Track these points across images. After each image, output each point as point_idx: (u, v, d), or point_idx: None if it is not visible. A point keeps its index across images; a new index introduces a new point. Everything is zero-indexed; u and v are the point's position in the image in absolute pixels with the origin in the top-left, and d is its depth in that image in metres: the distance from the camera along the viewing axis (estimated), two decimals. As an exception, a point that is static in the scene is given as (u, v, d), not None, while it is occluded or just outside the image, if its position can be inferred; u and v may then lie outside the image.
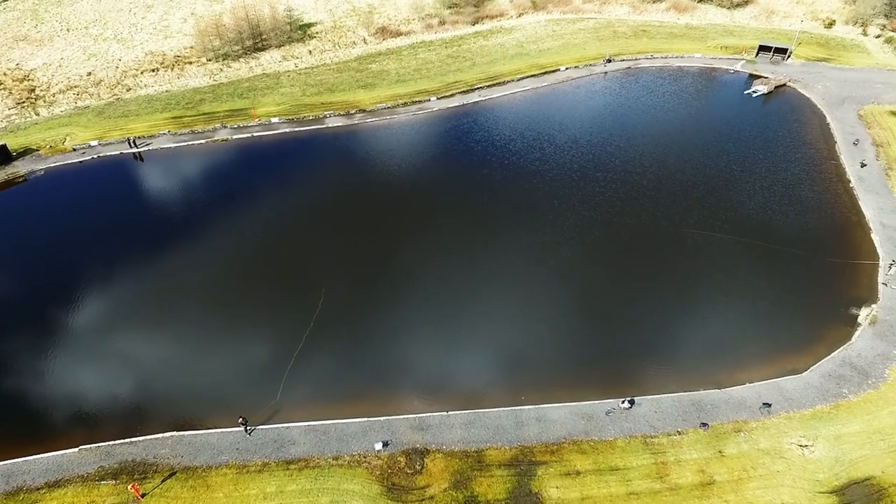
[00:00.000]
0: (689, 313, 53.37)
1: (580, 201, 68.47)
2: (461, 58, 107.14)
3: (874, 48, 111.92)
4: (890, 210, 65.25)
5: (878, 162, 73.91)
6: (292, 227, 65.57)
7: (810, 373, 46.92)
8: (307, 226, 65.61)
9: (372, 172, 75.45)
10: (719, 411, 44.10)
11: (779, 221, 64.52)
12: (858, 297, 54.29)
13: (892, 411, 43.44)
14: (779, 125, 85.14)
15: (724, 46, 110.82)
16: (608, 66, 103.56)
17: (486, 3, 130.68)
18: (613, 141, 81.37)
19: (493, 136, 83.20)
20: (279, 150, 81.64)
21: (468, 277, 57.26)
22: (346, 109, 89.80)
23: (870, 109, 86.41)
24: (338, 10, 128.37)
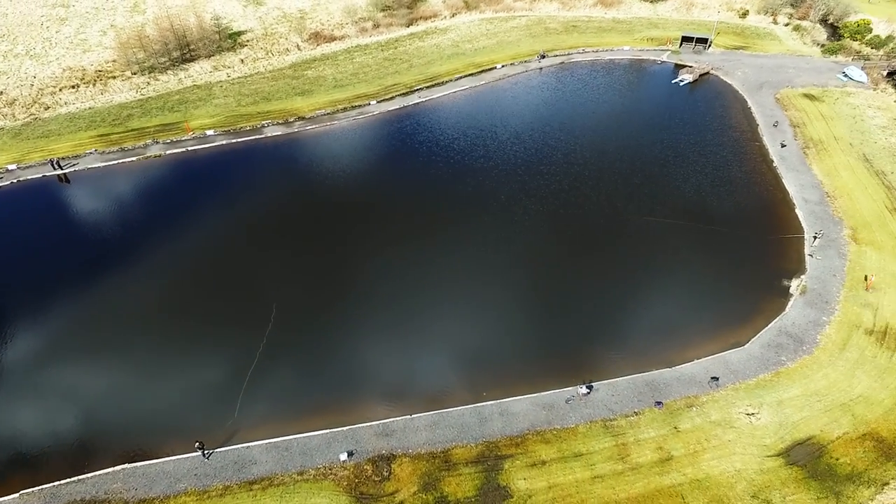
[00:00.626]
0: (637, 297, 55.27)
1: (527, 195, 69.74)
2: (398, 60, 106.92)
3: (784, 35, 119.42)
4: (810, 186, 69.82)
5: (796, 142, 78.92)
6: (236, 242, 63.61)
7: (751, 344, 49.61)
8: (252, 240, 63.81)
9: (316, 180, 74.21)
10: (672, 389, 45.95)
11: (712, 202, 67.86)
12: (789, 270, 57.84)
13: (825, 374, 46.52)
14: (705, 111, 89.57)
15: (650, 38, 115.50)
16: (543, 62, 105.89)
17: (419, 5, 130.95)
18: (554, 134, 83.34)
19: (436, 136, 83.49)
20: (217, 164, 79.02)
21: (421, 279, 57.28)
22: (284, 118, 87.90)
23: (785, 93, 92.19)
24: (268, 16, 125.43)
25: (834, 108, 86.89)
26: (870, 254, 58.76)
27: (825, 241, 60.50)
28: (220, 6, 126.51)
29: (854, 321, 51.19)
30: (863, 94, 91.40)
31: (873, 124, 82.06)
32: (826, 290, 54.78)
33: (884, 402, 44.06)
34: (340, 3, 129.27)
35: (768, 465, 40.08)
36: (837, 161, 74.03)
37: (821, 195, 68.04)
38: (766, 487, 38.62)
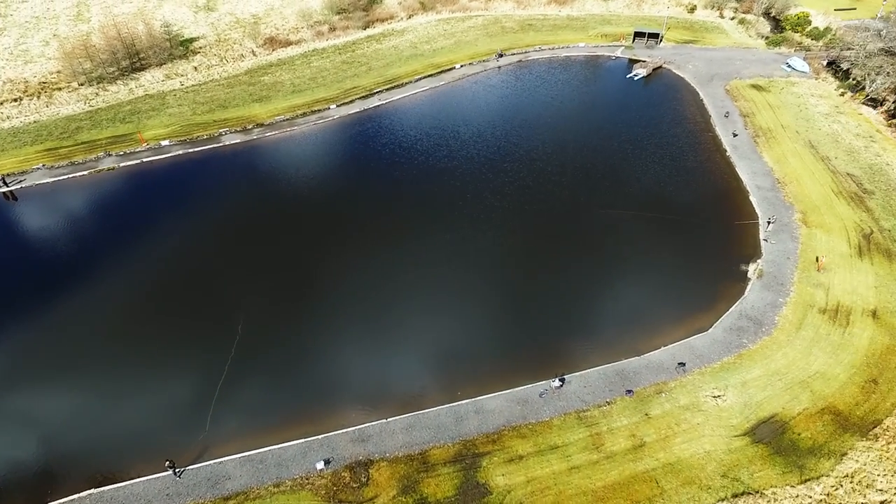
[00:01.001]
0: (604, 288, 56.38)
1: (491, 193, 70.29)
2: (356, 63, 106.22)
3: (730, 29, 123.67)
4: (762, 173, 72.52)
5: (746, 131, 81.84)
6: (198, 254, 62.08)
7: (714, 329, 51.22)
8: (215, 251, 62.38)
9: (278, 187, 73.04)
10: (641, 377, 47.04)
11: (671, 192, 69.77)
12: (746, 255, 59.96)
13: (784, 353, 48.42)
14: (660, 104, 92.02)
15: (604, 34, 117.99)
16: (501, 61, 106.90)
17: (374, 7, 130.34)
18: (515, 131, 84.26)
19: (398, 138, 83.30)
20: (174, 174, 76.97)
21: (390, 282, 57.06)
22: (242, 125, 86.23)
23: (734, 84, 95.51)
24: (220, 22, 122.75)
25: (780, 98, 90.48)
26: (820, 236, 61.43)
27: (778, 225, 62.95)
28: (170, 13, 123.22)
29: (808, 301, 53.44)
30: (806, 83, 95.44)
31: (816, 112, 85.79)
32: (781, 272, 57.00)
33: (839, 377, 46.14)
34: (295, 7, 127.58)
35: (736, 444, 41.47)
36: (786, 148, 77.10)
37: (772, 182, 70.74)
38: (734, 466, 39.94)
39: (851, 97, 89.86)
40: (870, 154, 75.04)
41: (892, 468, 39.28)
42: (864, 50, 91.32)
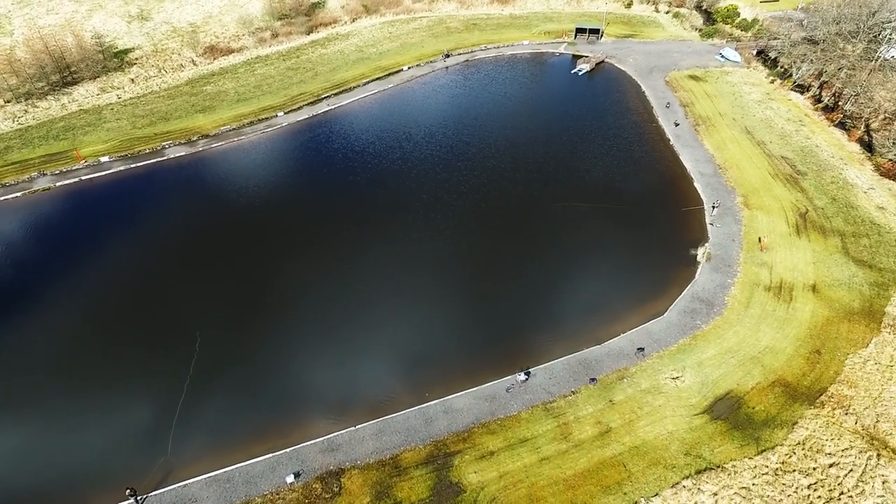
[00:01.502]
0: (562, 281, 57.43)
1: (447, 192, 70.59)
2: (302, 69, 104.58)
3: (666, 22, 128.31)
4: (704, 160, 75.53)
5: (687, 120, 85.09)
6: (147, 272, 59.75)
7: (669, 313, 53.03)
8: (164, 267, 60.18)
9: (229, 199, 71.08)
10: (603, 364, 48.24)
11: (620, 182, 71.80)
12: (694, 239, 62.30)
13: (735, 331, 50.62)
14: (605, 97, 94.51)
15: (547, 32, 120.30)
16: (448, 61, 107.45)
17: (317, 12, 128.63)
18: (467, 130, 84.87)
19: (351, 142, 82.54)
20: (117, 191, 73.82)
21: (350, 288, 56.48)
22: (186, 137, 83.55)
23: (673, 76, 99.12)
24: (156, 32, 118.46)
25: (716, 87, 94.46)
26: (760, 217, 64.49)
27: (722, 209, 65.73)
28: (101, 23, 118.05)
29: (754, 280, 56.03)
30: (739, 72, 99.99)
31: (750, 99, 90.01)
32: (727, 254, 59.55)
33: (786, 350, 48.58)
34: (234, 14, 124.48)
35: (696, 422, 43.08)
36: (724, 135, 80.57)
37: (714, 168, 73.79)
38: (696, 444, 41.49)
39: (780, 84, 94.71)
40: (800, 137, 79.30)
41: (838, 432, 41.67)
42: (789, 39, 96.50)
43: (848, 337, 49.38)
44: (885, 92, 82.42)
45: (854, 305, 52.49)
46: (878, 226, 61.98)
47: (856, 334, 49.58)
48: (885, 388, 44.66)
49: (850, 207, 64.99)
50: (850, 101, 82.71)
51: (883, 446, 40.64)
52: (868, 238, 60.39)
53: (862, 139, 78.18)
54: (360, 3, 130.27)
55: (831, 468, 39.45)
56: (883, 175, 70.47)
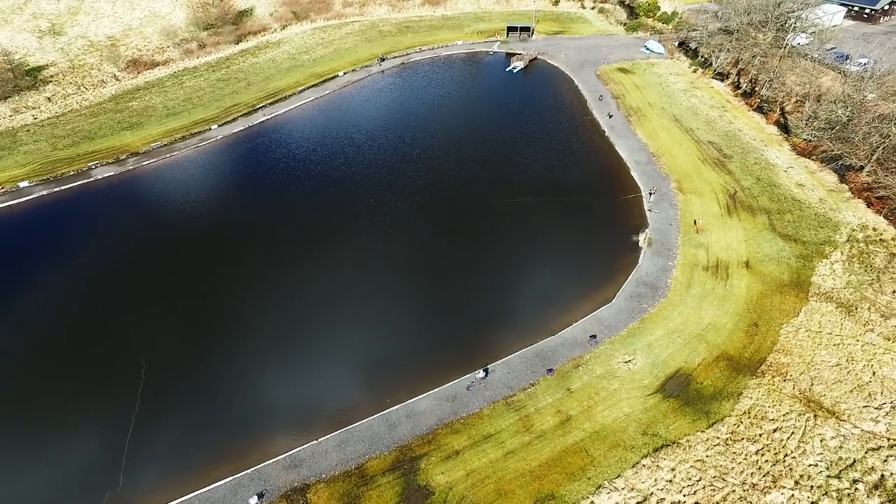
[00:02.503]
0: (513, 275, 58.38)
1: (394, 194, 70.40)
2: (234, 79, 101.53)
3: (593, 18, 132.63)
4: (638, 149, 78.60)
5: (619, 112, 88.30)
6: (82, 301, 56.45)
7: (617, 299, 54.92)
8: (100, 294, 57.03)
9: (165, 217, 68.13)
10: (559, 354, 49.41)
11: (561, 175, 73.71)
12: (635, 225, 64.75)
13: (680, 311, 53.00)
14: (540, 93, 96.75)
15: (479, 31, 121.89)
16: (383, 65, 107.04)
17: (245, 20, 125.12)
18: (409, 132, 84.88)
19: (291, 151, 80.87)
20: (40, 218, 69.24)
21: (301, 299, 55.40)
22: (114, 156, 79.47)
23: (603, 69, 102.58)
24: (71, 47, 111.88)
25: (644, 79, 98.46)
26: (694, 201, 67.76)
27: (658, 195, 68.62)
28: (8, 39, 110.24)
29: (693, 261, 58.83)
30: (663, 63, 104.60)
31: (676, 89, 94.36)
32: (667, 238, 62.24)
33: (727, 325, 51.30)
34: (156, 26, 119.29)
35: (650, 402, 44.83)
36: (655, 124, 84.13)
37: (648, 156, 76.92)
38: (652, 423, 43.18)
39: (702, 73, 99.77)
40: (724, 122, 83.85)
41: (779, 398, 44.39)
42: (707, 30, 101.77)
43: (781, 308, 52.66)
44: (794, 77, 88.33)
45: (784, 278, 56.01)
46: (798, 202, 66.35)
47: (787, 305, 52.94)
48: (816, 354, 47.92)
49: (774, 186, 69.27)
50: (766, 87, 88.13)
51: (818, 407, 43.60)
52: (791, 213, 64.57)
53: (778, 122, 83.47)
54: (289, 10, 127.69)
55: (775, 433, 41.96)
56: (799, 154, 75.49)
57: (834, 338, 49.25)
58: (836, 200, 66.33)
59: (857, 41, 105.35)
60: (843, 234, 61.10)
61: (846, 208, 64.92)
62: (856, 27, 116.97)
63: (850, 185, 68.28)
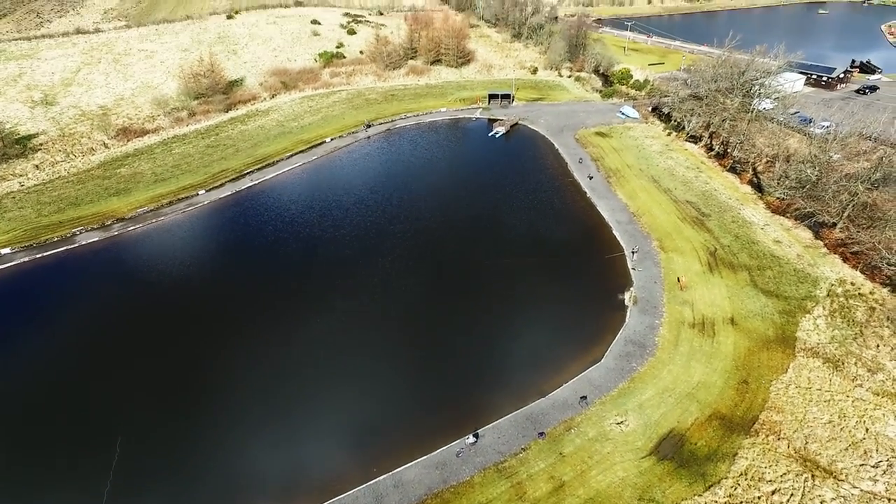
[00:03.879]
0: (502, 336, 58.01)
1: (382, 255, 70.77)
2: (222, 146, 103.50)
3: (570, 85, 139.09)
4: (619, 209, 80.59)
5: (599, 173, 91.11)
6: (56, 373, 54.63)
7: (606, 358, 54.64)
8: (75, 365, 55.32)
9: (149, 283, 67.31)
10: (550, 417, 48.47)
11: (545, 235, 74.86)
12: (620, 284, 65.38)
13: (670, 370, 52.76)
14: (522, 156, 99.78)
15: (462, 99, 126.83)
16: (370, 131, 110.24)
17: (235, 90, 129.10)
18: (396, 195, 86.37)
19: (279, 214, 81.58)
20: (20, 284, 68.07)
21: (285, 364, 54.21)
22: (100, 221, 79.36)
23: (582, 133, 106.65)
24: (63, 116, 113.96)
25: (621, 142, 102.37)
26: (676, 259, 68.98)
27: (641, 254, 69.80)
28: (0, 110, 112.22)
29: (679, 319, 59.18)
30: (639, 127, 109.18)
31: (652, 151, 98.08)
32: (652, 296, 62.81)
33: (717, 383, 51.05)
34: (148, 96, 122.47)
35: (644, 465, 43.75)
36: (634, 185, 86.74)
37: (629, 216, 78.78)
38: (648, 488, 41.98)
39: (676, 136, 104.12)
40: (700, 182, 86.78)
41: (775, 458, 43.65)
42: (678, 96, 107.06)
43: (769, 364, 52.73)
44: (763, 139, 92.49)
45: (769, 334, 56.41)
46: (777, 258, 67.89)
47: (775, 361, 53.06)
48: (808, 410, 47.64)
49: (752, 243, 70.99)
50: (737, 148, 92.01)
51: (815, 466, 42.89)
52: (771, 270, 65.88)
53: (752, 181, 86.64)
54: (278, 80, 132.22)
55: (774, 495, 41.00)
56: (774, 212, 77.94)
57: (824, 394, 49.16)
58: (813, 256, 68.00)
59: (817, 106, 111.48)
60: (823, 289, 62.28)
61: (823, 263, 66.49)
62: (815, 93, 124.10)
63: (825, 241, 70.26)
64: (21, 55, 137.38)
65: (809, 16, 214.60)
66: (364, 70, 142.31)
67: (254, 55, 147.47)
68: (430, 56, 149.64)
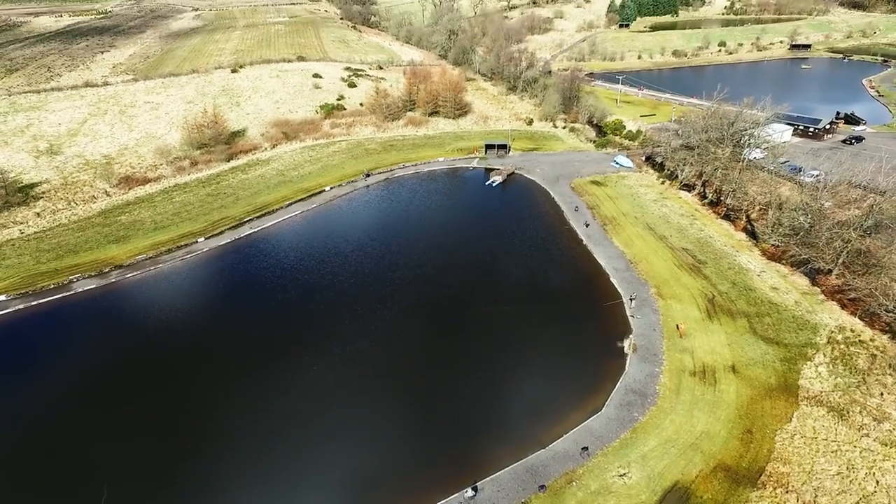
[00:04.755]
0: (501, 385, 57.19)
1: (380, 302, 70.58)
2: (223, 194, 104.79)
3: (564, 136, 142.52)
4: (616, 256, 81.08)
5: (595, 221, 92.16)
6: (47, 420, 53.39)
7: (607, 408, 53.72)
8: (66, 414, 54.13)
9: (146, 330, 66.74)
10: (550, 469, 47.20)
11: (543, 283, 74.96)
12: (618, 331, 65.03)
13: (671, 420, 51.81)
14: (519, 204, 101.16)
15: (459, 149, 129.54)
16: (369, 180, 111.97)
17: (237, 140, 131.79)
18: (394, 242, 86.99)
19: (278, 261, 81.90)
20: (14, 331, 67.43)
21: (280, 413, 53.11)
22: (97, 269, 79.38)
23: (577, 182, 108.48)
24: (67, 165, 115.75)
25: (616, 190, 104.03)
26: (674, 306, 68.91)
27: (639, 301, 69.75)
28: (5, 160, 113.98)
29: (679, 367, 58.59)
30: (633, 176, 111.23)
31: (647, 199, 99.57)
32: (651, 344, 62.38)
33: (720, 433, 50.05)
34: (151, 146, 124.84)
35: (649, 520, 42.32)
36: (630, 232, 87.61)
37: (626, 263, 79.19)
38: (653, 543, 40.47)
39: (670, 184, 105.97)
40: (695, 230, 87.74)
41: (783, 511, 42.32)
42: (670, 146, 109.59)
43: (772, 413, 51.88)
44: (755, 187, 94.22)
45: (771, 382, 55.77)
46: (775, 305, 67.89)
47: (778, 410, 52.23)
48: (815, 462, 46.55)
49: (749, 290, 71.14)
50: (730, 196, 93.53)
51: (825, 521, 41.54)
52: (770, 317, 65.76)
53: (746, 228, 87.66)
54: (279, 131, 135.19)
55: (784, 551, 39.50)
56: (769, 259, 78.50)
57: (830, 444, 48.16)
58: (810, 303, 68.05)
59: (806, 155, 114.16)
60: (823, 336, 62.01)
61: (821, 310, 66.46)
62: (803, 143, 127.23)
63: (821, 288, 70.48)
64: (30, 107, 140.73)
65: (793, 70, 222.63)
66: (364, 121, 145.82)
67: (256, 107, 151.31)
68: (428, 108, 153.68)
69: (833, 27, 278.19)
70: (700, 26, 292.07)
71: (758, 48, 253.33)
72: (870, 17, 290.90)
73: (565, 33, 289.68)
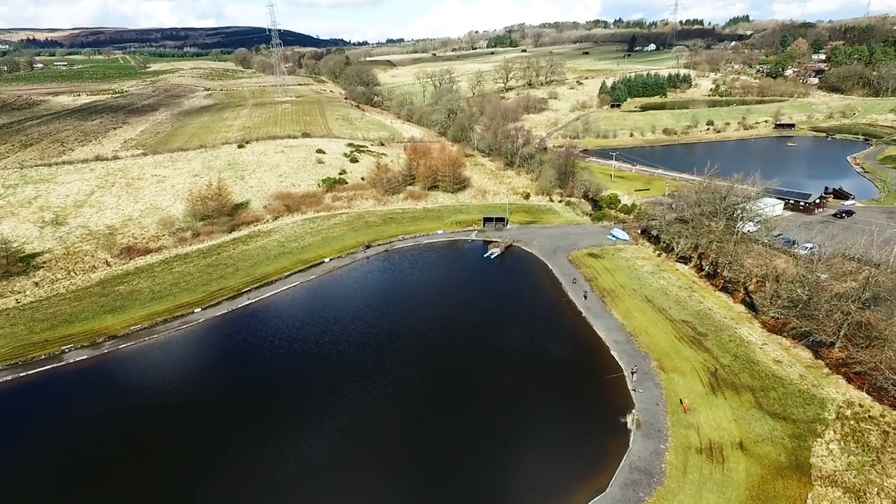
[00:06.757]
0: (500, 462, 54.95)
1: (379, 372, 69.37)
2: (222, 265, 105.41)
3: (561, 209, 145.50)
4: (615, 329, 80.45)
5: (593, 293, 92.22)
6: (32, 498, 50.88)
7: (611, 487, 51.39)
8: (54, 492, 51.62)
9: (136, 403, 64.98)
10: (554, 555, 44.52)
11: (543, 356, 73.91)
12: (621, 406, 63.37)
13: (680, 501, 49.43)
14: (517, 276, 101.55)
15: (458, 222, 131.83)
16: (368, 252, 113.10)
17: (240, 212, 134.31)
18: (395, 313, 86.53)
19: (276, 331, 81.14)
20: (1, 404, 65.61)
21: (279, 488, 50.65)
22: (91, 339, 78.43)
23: (575, 254, 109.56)
24: (70, 236, 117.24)
25: (613, 262, 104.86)
26: (677, 379, 67.59)
27: (641, 375, 68.49)
28: (9, 230, 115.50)
29: (685, 444, 56.60)
30: (630, 248, 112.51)
31: (644, 271, 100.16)
32: (655, 419, 60.61)
33: (732, 515, 47.63)
34: (155, 217, 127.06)
35: None
36: (629, 305, 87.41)
37: (626, 335, 78.45)
38: None
39: (666, 257, 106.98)
40: (694, 302, 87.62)
41: None
42: (664, 220, 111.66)
43: (785, 494, 49.61)
44: (751, 259, 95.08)
45: (781, 460, 53.72)
46: (780, 378, 66.61)
47: (791, 490, 49.98)
48: (833, 547, 43.99)
49: (752, 363, 70.05)
50: (726, 268, 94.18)
51: None
52: (775, 391, 64.34)
53: (744, 300, 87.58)
54: (282, 203, 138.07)
55: None
56: (770, 331, 77.87)
57: (848, 528, 45.70)
58: (815, 376, 66.82)
59: (799, 228, 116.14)
60: (832, 411, 60.40)
61: (827, 384, 65.15)
62: (795, 217, 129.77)
63: (825, 361, 69.42)
64: (40, 179, 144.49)
65: (780, 147, 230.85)
66: (365, 195, 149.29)
67: (260, 180, 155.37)
68: (427, 182, 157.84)
69: (814, 108, 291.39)
70: (688, 106, 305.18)
71: (744, 127, 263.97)
72: (848, 99, 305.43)
73: (559, 112, 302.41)
